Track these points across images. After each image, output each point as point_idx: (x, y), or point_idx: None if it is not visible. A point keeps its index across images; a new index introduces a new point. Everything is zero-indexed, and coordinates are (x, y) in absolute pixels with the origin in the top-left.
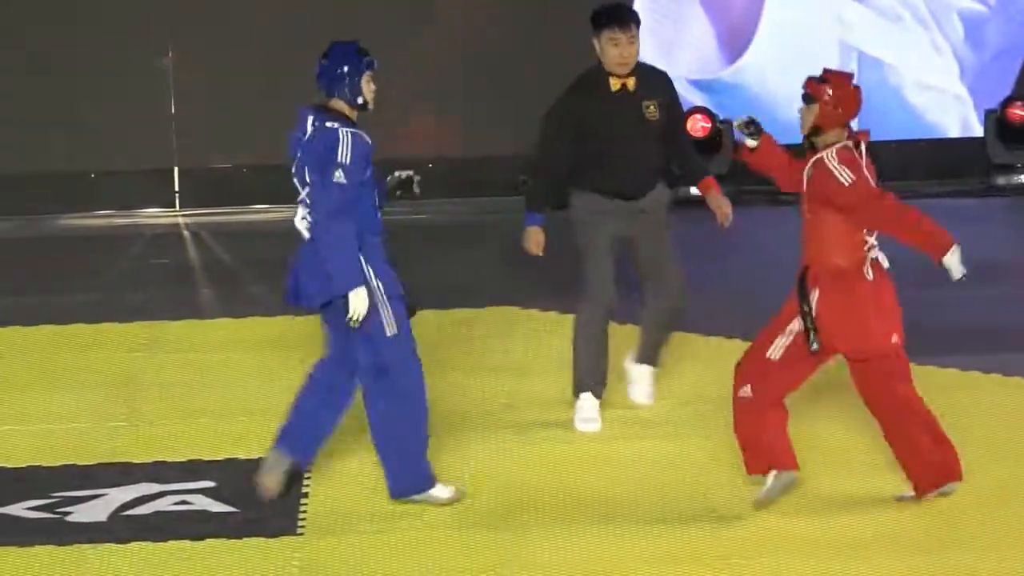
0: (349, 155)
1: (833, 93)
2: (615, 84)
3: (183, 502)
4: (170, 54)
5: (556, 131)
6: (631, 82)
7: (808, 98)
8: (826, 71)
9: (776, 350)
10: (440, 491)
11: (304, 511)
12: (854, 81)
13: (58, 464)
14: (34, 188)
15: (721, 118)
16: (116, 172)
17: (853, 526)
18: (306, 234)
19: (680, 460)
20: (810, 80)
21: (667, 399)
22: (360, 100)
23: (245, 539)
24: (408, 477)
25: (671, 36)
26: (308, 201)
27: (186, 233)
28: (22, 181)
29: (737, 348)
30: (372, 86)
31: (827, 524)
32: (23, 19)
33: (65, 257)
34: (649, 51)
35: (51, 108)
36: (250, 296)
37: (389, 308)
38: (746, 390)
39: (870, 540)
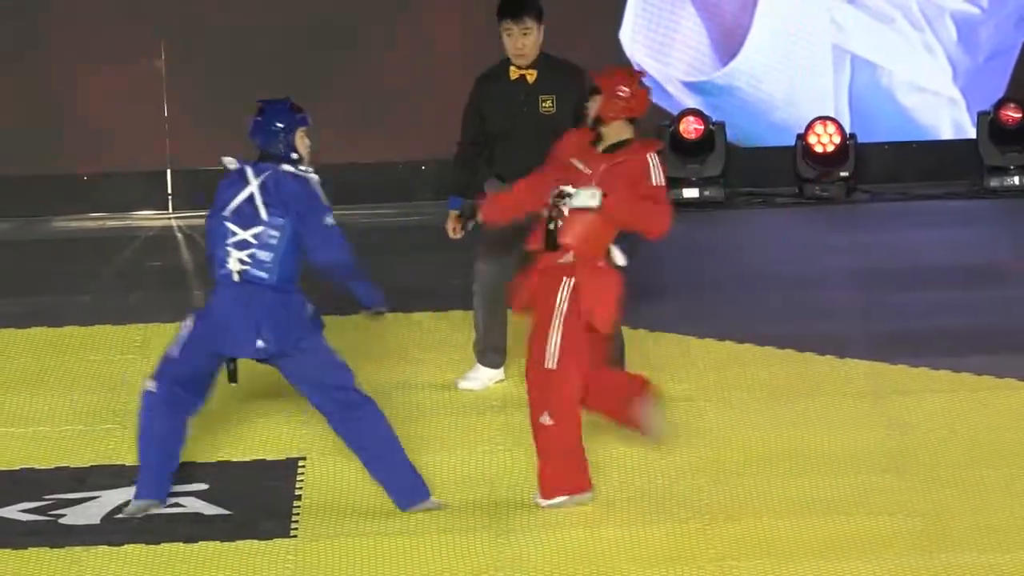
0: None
1: (615, 87)
2: (514, 74)
3: (176, 504)
4: (163, 55)
5: (466, 117)
6: (531, 74)
7: (593, 90)
8: (614, 66)
9: (550, 359)
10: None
11: (297, 514)
12: (640, 80)
13: (51, 466)
14: (28, 190)
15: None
16: (109, 174)
17: (844, 527)
18: (237, 277)
19: (669, 461)
20: (595, 73)
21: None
22: (295, 156)
23: (238, 542)
24: (413, 491)
25: (664, 38)
26: (256, 242)
27: (179, 235)
28: (15, 183)
29: (725, 350)
30: (307, 141)
31: (819, 525)
32: (13, 18)
33: (58, 259)
34: (642, 52)
35: (44, 110)
36: None
37: None
38: (545, 417)
39: (862, 541)
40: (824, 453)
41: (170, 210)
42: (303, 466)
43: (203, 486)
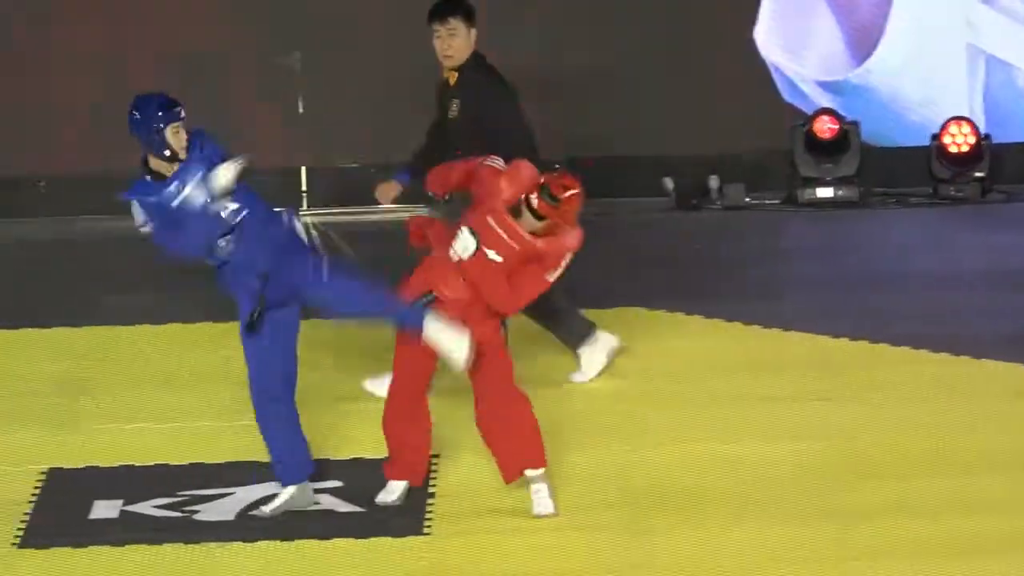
0: None
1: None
2: (444, 73)
3: None
4: (298, 52)
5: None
6: (452, 76)
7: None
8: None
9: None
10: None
11: (430, 511)
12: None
13: (186, 462)
14: None
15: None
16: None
17: (981, 528)
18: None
19: (803, 461)
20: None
21: (780, 400)
22: (167, 152)
23: (371, 539)
24: (299, 466)
25: (798, 37)
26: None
27: (314, 232)
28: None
29: (859, 350)
30: (181, 135)
31: (955, 526)
32: (157, 16)
33: None
34: (776, 51)
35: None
36: None
37: None
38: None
39: (999, 542)
40: (961, 454)
41: (304, 207)
42: (436, 463)
43: (337, 483)
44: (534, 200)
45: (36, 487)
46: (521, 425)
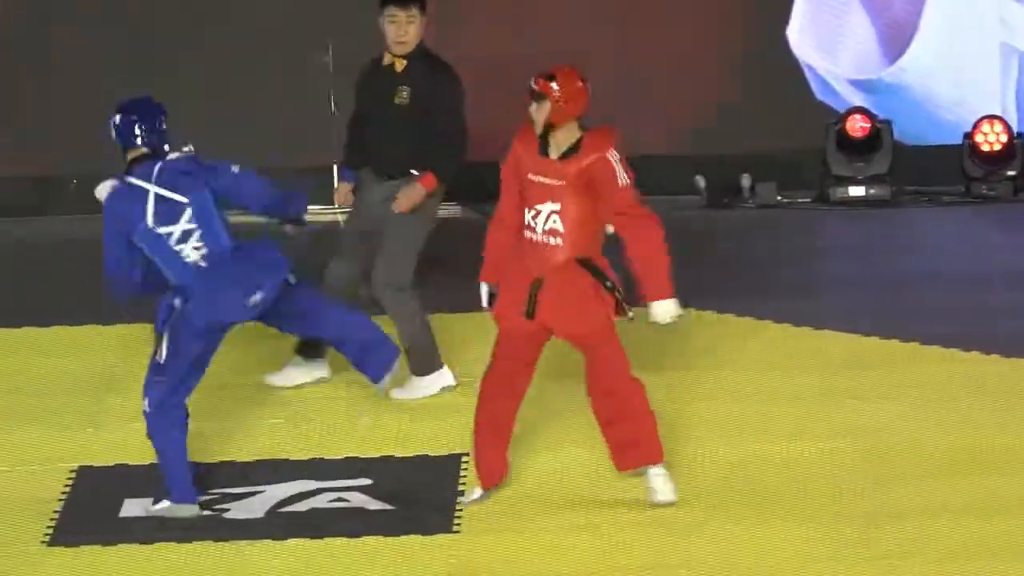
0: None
1: (561, 90)
2: (387, 59)
3: (340, 499)
4: (330, 51)
5: (355, 95)
6: (400, 63)
7: (538, 96)
8: (554, 68)
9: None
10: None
11: (460, 509)
12: (581, 77)
13: (216, 460)
14: None
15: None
16: (278, 169)
17: (1012, 528)
18: (204, 261)
19: (834, 459)
20: (539, 78)
21: (810, 398)
22: (166, 146)
23: (402, 537)
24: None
25: (831, 35)
26: (195, 224)
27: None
28: None
29: (890, 348)
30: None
31: (985, 526)
32: (187, 15)
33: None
34: (809, 49)
35: (220, 105)
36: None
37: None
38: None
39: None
40: (992, 453)
41: (336, 205)
42: (466, 461)
43: (367, 481)
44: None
45: (66, 485)
46: (637, 416)
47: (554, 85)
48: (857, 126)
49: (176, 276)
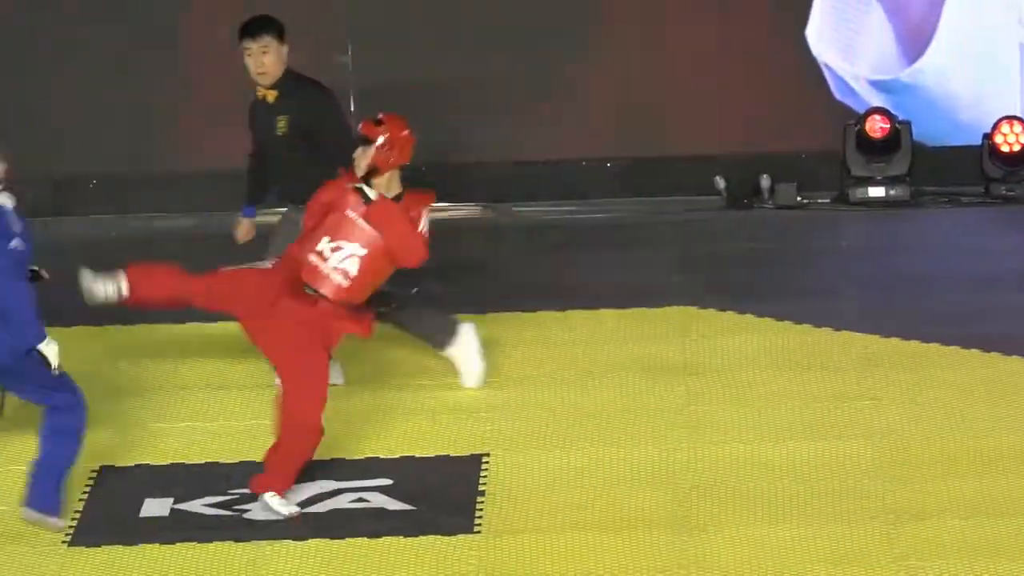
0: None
1: (388, 137)
2: (259, 93)
3: (360, 500)
4: (349, 50)
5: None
6: (271, 95)
7: (364, 140)
8: (383, 115)
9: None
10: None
11: (480, 509)
12: (407, 128)
13: (237, 461)
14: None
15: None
16: None
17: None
18: None
19: (855, 461)
20: (366, 122)
21: (829, 399)
22: None
23: (421, 537)
24: (51, 501)
25: (850, 35)
26: None
27: None
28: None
29: (911, 350)
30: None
31: (1006, 526)
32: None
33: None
34: (828, 50)
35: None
36: (428, 296)
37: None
38: None
39: None
40: (1011, 453)
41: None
42: (487, 462)
43: (387, 481)
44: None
45: (87, 485)
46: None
47: (381, 132)
48: (876, 127)
49: None
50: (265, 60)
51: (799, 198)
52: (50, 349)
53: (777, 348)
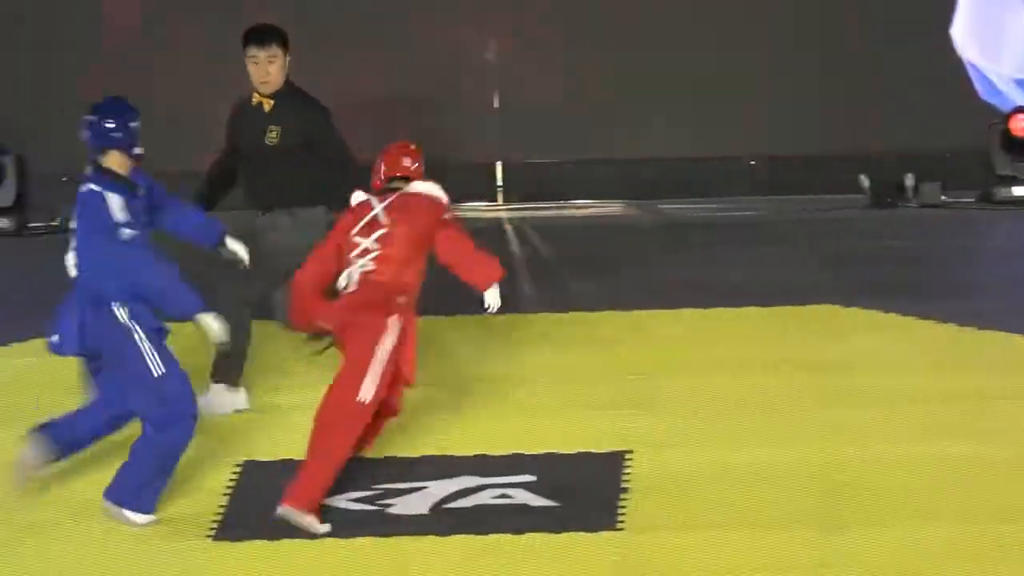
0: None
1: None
2: (255, 99)
3: (504, 496)
4: (495, 49)
5: (225, 136)
6: (268, 103)
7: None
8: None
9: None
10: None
11: (623, 506)
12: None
13: (380, 456)
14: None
15: None
16: (441, 165)
17: None
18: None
19: (993, 460)
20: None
21: (973, 399)
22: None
23: (565, 533)
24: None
25: (996, 35)
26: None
27: (508, 227)
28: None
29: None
30: None
31: None
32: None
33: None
34: (974, 50)
35: (378, 102)
36: (570, 292)
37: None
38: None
39: None
40: None
41: (500, 202)
42: (630, 459)
43: (531, 478)
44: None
45: (231, 479)
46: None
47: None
48: (1021, 126)
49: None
50: (271, 69)
51: (943, 197)
52: (208, 318)
53: (920, 347)
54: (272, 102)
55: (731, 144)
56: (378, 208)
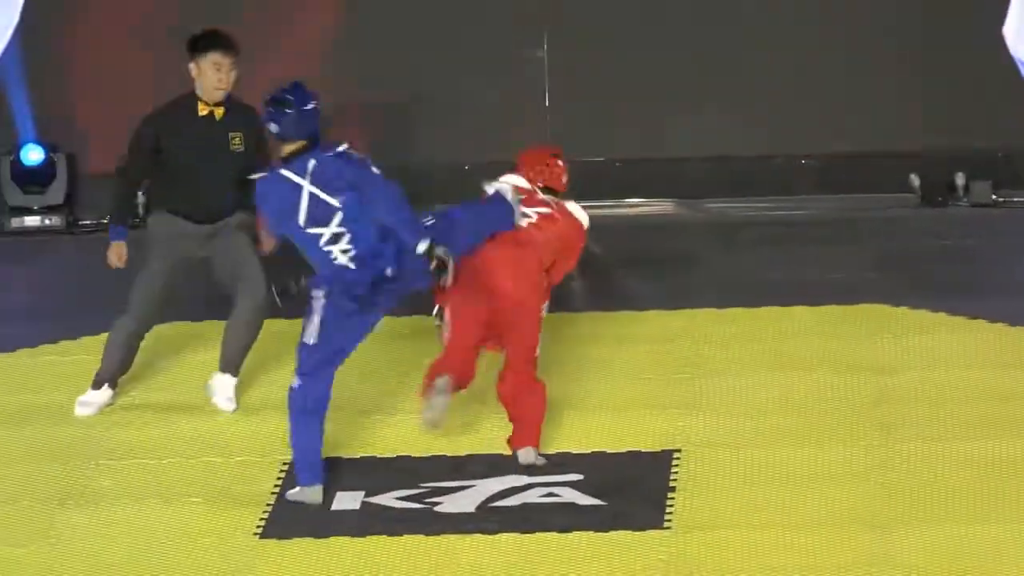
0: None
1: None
2: (203, 110)
3: (551, 495)
4: (545, 45)
5: (135, 153)
6: (219, 111)
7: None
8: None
9: None
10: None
11: (671, 505)
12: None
13: (428, 454)
14: (409, 179)
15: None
16: (492, 163)
17: None
18: (353, 263)
19: None
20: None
21: (1017, 399)
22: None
23: (612, 532)
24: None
25: None
26: (343, 229)
27: None
28: (395, 173)
29: None
30: None
31: None
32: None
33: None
34: None
35: (428, 100)
36: (619, 291)
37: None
38: None
39: None
40: None
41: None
42: (678, 458)
43: (578, 476)
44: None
45: (279, 478)
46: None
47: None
48: None
49: (322, 271)
50: (231, 76)
51: (994, 196)
52: (424, 245)
53: (970, 346)
54: (223, 109)
55: (781, 143)
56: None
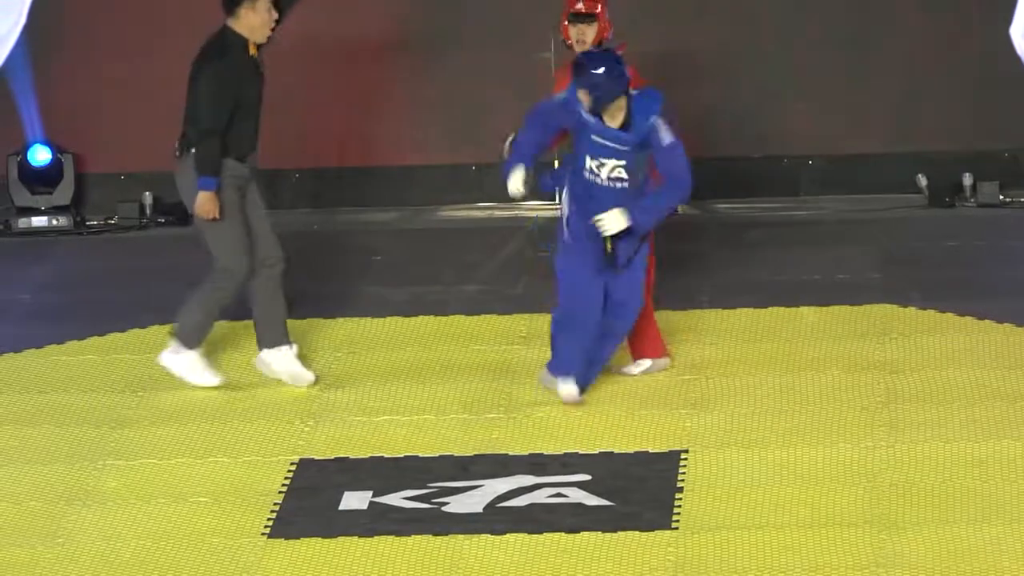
0: None
1: (603, 9)
2: (252, 50)
3: (558, 495)
4: (552, 48)
5: (220, 96)
6: (254, 49)
7: (587, 17)
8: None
9: None
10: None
11: (679, 506)
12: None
13: (436, 454)
14: (416, 180)
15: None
16: (498, 164)
17: None
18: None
19: None
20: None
21: (1010, 399)
22: None
23: (619, 532)
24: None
25: None
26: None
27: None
28: (404, 173)
29: None
30: None
31: None
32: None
33: (446, 249)
34: None
35: (435, 101)
36: None
37: None
38: None
39: None
40: None
41: (558, 201)
42: (685, 458)
43: (585, 477)
44: None
45: (287, 477)
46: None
47: (599, 5)
48: None
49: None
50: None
51: (1001, 197)
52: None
53: (977, 347)
54: (255, 47)
55: (788, 143)
56: None
